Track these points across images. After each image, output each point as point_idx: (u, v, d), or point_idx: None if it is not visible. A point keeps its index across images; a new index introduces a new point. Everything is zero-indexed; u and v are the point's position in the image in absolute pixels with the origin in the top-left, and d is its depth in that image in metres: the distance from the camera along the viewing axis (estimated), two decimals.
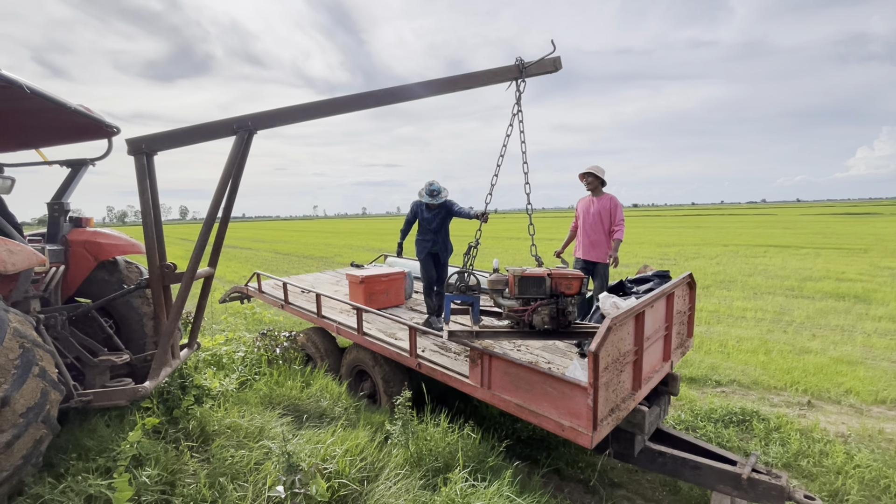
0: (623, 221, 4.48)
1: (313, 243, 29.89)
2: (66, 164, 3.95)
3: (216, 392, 3.63)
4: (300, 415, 3.65)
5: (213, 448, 2.88)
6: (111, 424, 2.97)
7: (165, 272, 3.38)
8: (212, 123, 3.39)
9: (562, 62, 3.33)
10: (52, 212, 3.84)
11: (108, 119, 3.68)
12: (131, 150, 3.36)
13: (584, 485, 3.70)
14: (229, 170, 3.44)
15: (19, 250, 2.76)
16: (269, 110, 3.43)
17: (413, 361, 3.82)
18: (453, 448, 3.15)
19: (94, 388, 3.15)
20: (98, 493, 2.36)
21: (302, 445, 2.92)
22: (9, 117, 3.31)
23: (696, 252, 18.72)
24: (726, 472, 3.16)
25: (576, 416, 2.76)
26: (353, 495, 2.63)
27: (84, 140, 3.98)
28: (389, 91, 3.35)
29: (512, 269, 3.28)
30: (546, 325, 3.18)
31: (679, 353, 3.97)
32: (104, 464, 2.58)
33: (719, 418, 4.50)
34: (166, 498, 2.47)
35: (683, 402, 4.95)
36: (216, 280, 13.78)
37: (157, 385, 3.22)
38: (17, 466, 2.32)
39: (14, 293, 3.11)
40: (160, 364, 3.24)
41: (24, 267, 2.78)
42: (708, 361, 6.11)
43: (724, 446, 4.03)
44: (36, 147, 4.02)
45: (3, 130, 3.61)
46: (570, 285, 3.21)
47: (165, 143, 3.43)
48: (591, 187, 4.57)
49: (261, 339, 5.03)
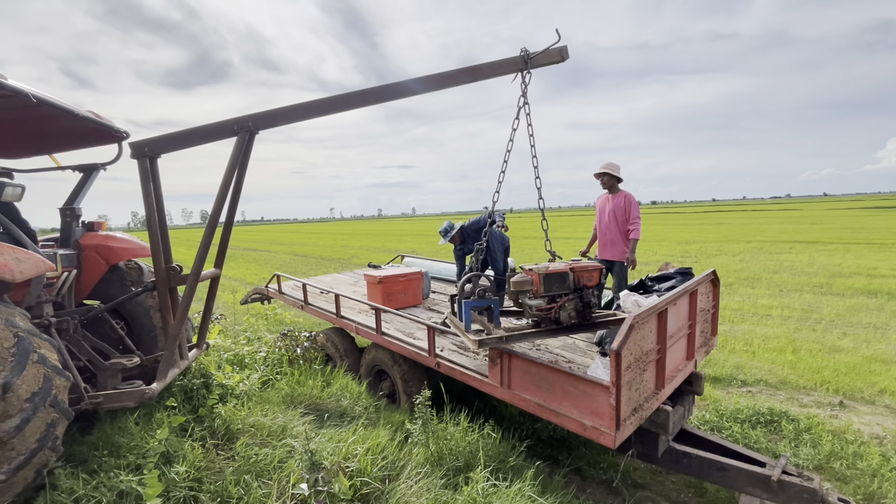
0: (638, 219, 4.39)
1: (330, 245, 30.23)
2: (78, 170, 4.03)
3: (239, 391, 3.69)
4: (321, 414, 3.69)
5: (238, 446, 2.94)
6: (140, 422, 3.05)
7: (171, 274, 3.41)
8: (213, 125, 3.38)
9: (569, 52, 3.22)
10: (64, 217, 3.92)
11: (117, 124, 3.75)
12: (134, 153, 3.37)
13: (606, 485, 3.64)
14: (231, 171, 3.42)
15: (27, 258, 2.81)
16: (270, 110, 3.38)
17: (432, 361, 3.82)
18: (474, 447, 3.14)
19: (105, 390, 3.22)
20: (129, 489, 2.43)
21: (324, 444, 2.95)
22: (21, 125, 3.38)
23: (717, 249, 18.29)
24: (755, 474, 3.07)
25: (598, 415, 2.73)
26: (374, 494, 2.65)
27: (94, 145, 4.05)
28: (390, 87, 3.29)
29: (534, 268, 3.23)
30: (573, 319, 3.16)
31: (703, 352, 3.88)
32: (134, 461, 2.65)
33: (746, 419, 4.38)
34: (194, 495, 2.52)
35: (708, 401, 4.83)
36: (237, 282, 14.05)
37: (164, 386, 3.27)
38: (33, 450, 2.39)
39: (27, 298, 3.18)
40: (167, 366, 3.27)
41: (33, 275, 2.82)
42: (733, 360, 5.96)
43: (752, 447, 3.93)
44: (49, 153, 4.12)
45: (16, 137, 3.70)
46: (590, 277, 3.20)
47: (168, 145, 3.44)
48: (607, 186, 4.50)
49: (282, 339, 5.10)
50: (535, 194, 3.53)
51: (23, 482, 2.43)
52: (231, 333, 6.06)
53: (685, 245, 20.33)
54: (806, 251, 16.54)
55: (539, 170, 3.49)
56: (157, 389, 3.16)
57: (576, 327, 3.24)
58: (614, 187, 4.48)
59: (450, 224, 5.25)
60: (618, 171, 4.46)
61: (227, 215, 3.71)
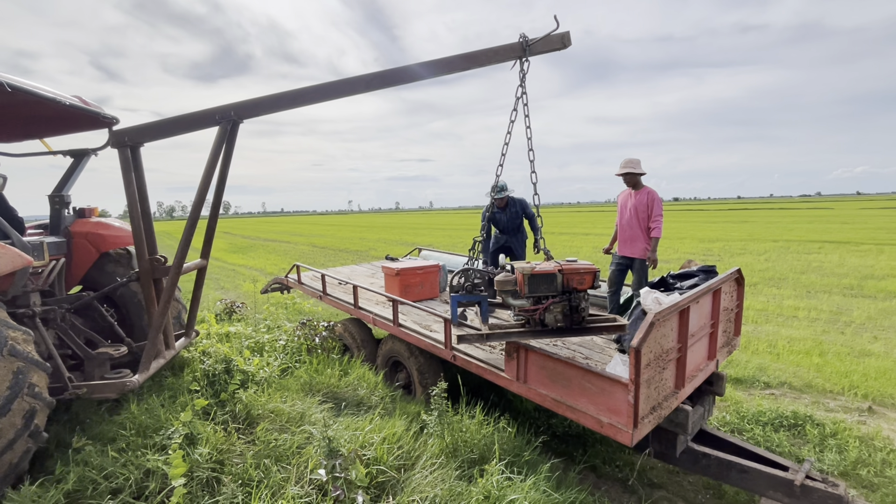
0: (660, 217, 4.28)
1: (348, 237, 30.52)
2: (70, 154, 4.04)
3: (260, 378, 3.78)
4: (339, 402, 3.75)
5: (258, 431, 3.01)
6: (165, 404, 3.15)
7: (155, 265, 3.36)
8: (195, 114, 3.32)
9: (570, 38, 3.00)
10: (53, 204, 3.91)
11: (106, 110, 3.73)
12: (114, 142, 3.33)
13: (622, 484, 3.61)
14: (213, 161, 3.34)
15: (3, 253, 2.82)
16: (253, 98, 3.30)
17: (448, 353, 3.83)
18: (489, 440, 3.15)
19: (92, 380, 3.26)
20: (156, 468, 2.52)
21: (341, 432, 3.00)
22: (7, 110, 3.39)
23: (742, 248, 17.79)
24: (777, 478, 3.00)
25: (616, 412, 2.70)
26: (390, 482, 2.69)
27: (84, 130, 4.04)
28: (379, 75, 3.19)
29: (520, 267, 3.12)
30: (559, 322, 3.02)
31: (725, 352, 3.80)
32: (160, 441, 2.75)
33: (768, 421, 4.27)
34: (217, 476, 2.60)
35: (729, 403, 4.73)
36: (257, 272, 14.33)
37: (147, 377, 3.27)
38: (10, 439, 2.46)
39: (11, 289, 3.16)
40: (149, 357, 3.26)
41: (9, 270, 2.83)
42: (755, 362, 5.81)
43: (774, 451, 3.83)
44: (40, 138, 4.13)
45: (4, 122, 3.72)
46: (582, 280, 3.01)
47: (149, 134, 3.39)
48: (630, 183, 4.41)
49: (300, 328, 5.19)
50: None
51: (5, 468, 2.50)
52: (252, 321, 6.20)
53: (708, 243, 19.84)
54: (836, 251, 15.94)
55: (535, 164, 3.32)
56: (138, 381, 3.16)
57: (563, 331, 3.11)
58: (638, 184, 4.38)
59: (505, 184, 5.14)
60: (639, 166, 4.36)
61: (212, 206, 3.70)
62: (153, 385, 3.69)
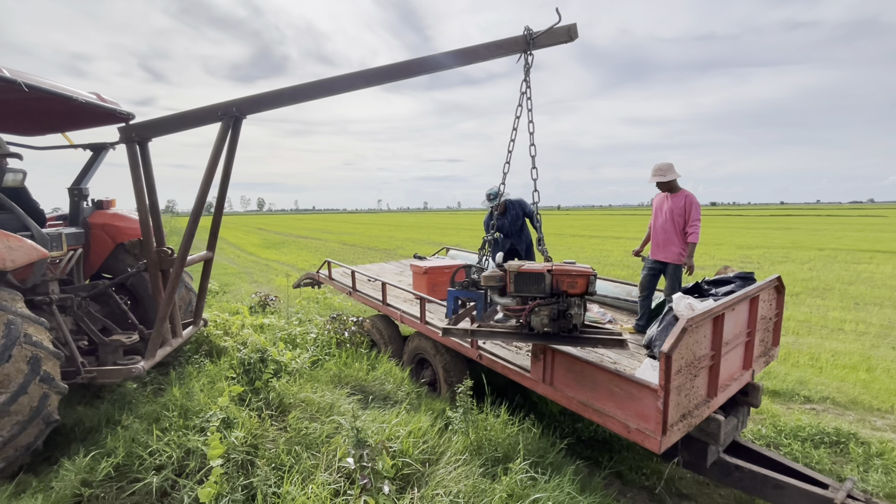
0: (698, 221, 4.15)
1: (377, 235, 30.97)
2: (89, 148, 4.21)
3: (292, 368, 3.92)
4: (366, 395, 3.84)
5: (290, 419, 3.13)
6: (204, 390, 3.31)
7: (162, 256, 3.48)
8: (198, 110, 3.41)
9: (577, 31, 2.86)
10: (72, 196, 4.10)
11: (122, 107, 3.89)
12: (122, 138, 3.44)
13: (648, 492, 3.54)
14: (216, 156, 3.40)
15: (19, 246, 2.98)
16: (254, 95, 3.37)
17: (474, 353, 3.86)
18: (513, 440, 3.15)
19: (106, 365, 3.44)
20: (195, 448, 2.67)
21: (368, 423, 3.08)
22: (30, 106, 3.58)
23: (783, 255, 16.97)
24: (815, 496, 2.88)
25: (644, 418, 2.66)
26: (415, 475, 2.74)
27: (102, 125, 4.21)
28: (378, 71, 3.19)
29: (509, 264, 2.99)
30: (546, 327, 2.81)
31: (762, 363, 3.66)
32: (200, 423, 2.90)
33: (808, 437, 4.08)
34: (251, 459, 2.73)
35: (765, 416, 4.55)
36: (290, 267, 14.76)
37: (153, 364, 3.42)
38: (24, 421, 2.66)
39: (30, 278, 3.37)
40: (155, 344, 3.39)
41: (24, 262, 2.98)
42: (795, 375, 5.55)
43: (813, 468, 3.66)
44: (62, 132, 4.34)
45: (28, 118, 3.93)
46: (573, 283, 2.77)
47: (155, 130, 3.48)
48: (667, 188, 4.28)
49: (331, 322, 5.33)
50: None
51: (20, 448, 2.71)
52: (284, 314, 6.41)
53: (747, 250, 19.02)
54: (889, 262, 14.96)
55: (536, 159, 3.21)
56: (144, 368, 3.30)
57: (549, 336, 2.90)
58: (675, 187, 4.26)
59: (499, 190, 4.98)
60: (671, 171, 4.22)
61: (217, 200, 3.82)
62: (193, 371, 3.89)
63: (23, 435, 2.72)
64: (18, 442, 2.71)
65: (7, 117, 3.90)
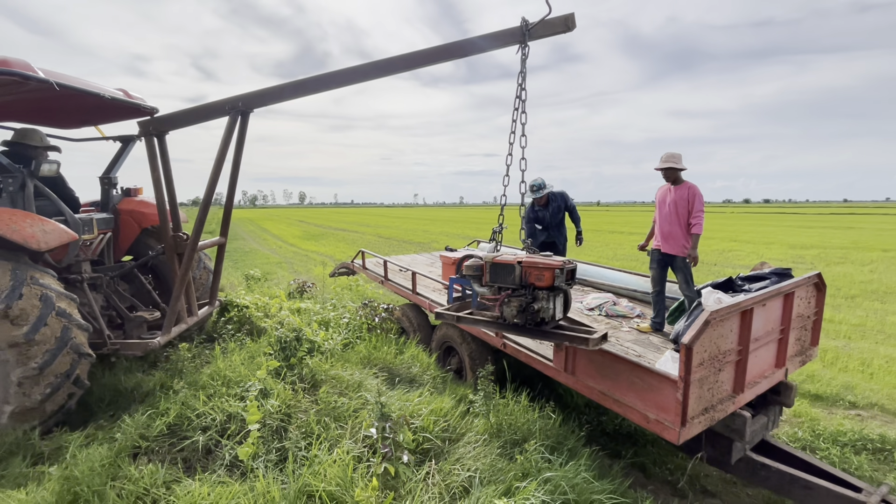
0: (701, 213, 4.07)
1: (412, 229, 31.41)
2: (119, 140, 4.57)
3: (325, 348, 4.16)
4: (393, 377, 4.02)
5: (321, 393, 3.35)
6: (245, 363, 3.60)
7: (178, 241, 3.78)
8: (208, 105, 3.66)
9: (575, 21, 2.81)
10: (102, 184, 4.46)
11: (148, 102, 4.20)
12: (141, 131, 3.72)
13: (671, 486, 3.51)
14: (224, 148, 3.63)
15: (52, 229, 3.31)
16: (259, 90, 3.58)
17: (498, 341, 3.94)
18: (533, 426, 3.23)
19: (131, 339, 3.83)
20: (236, 413, 2.93)
21: (393, 400, 3.25)
22: (66, 101, 3.92)
23: (842, 256, 15.82)
24: (847, 498, 2.78)
25: (663, 409, 2.66)
26: (435, 450, 2.88)
27: (130, 118, 4.52)
28: (377, 64, 3.27)
29: (484, 255, 3.02)
30: (515, 318, 2.81)
31: (798, 362, 3.53)
32: (240, 392, 3.18)
33: (848, 442, 3.90)
34: (284, 426, 2.97)
35: (803, 419, 4.37)
36: (327, 258, 15.32)
37: (168, 339, 3.76)
38: (57, 383, 3.03)
39: (65, 259, 3.73)
40: (171, 322, 3.72)
41: (56, 244, 3.30)
42: (842, 379, 5.26)
43: (851, 473, 3.50)
44: (95, 125, 4.73)
45: (64, 112, 4.30)
46: (540, 276, 2.74)
47: (170, 124, 3.75)
48: (670, 179, 4.21)
49: (362, 308, 5.56)
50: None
51: (52, 408, 3.08)
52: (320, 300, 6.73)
53: (800, 249, 17.87)
54: None
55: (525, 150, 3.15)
56: (159, 343, 3.65)
57: (519, 328, 2.88)
58: (678, 179, 4.19)
59: (542, 182, 4.89)
60: (680, 161, 4.16)
61: (227, 190, 4.07)
62: (236, 347, 4.21)
63: (56, 395, 3.12)
64: (53, 401, 3.11)
65: (45, 113, 4.34)
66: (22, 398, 2.98)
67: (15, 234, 3.08)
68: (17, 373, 2.95)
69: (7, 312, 2.91)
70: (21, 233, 3.11)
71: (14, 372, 2.95)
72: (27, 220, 3.23)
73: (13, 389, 2.95)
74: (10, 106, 3.93)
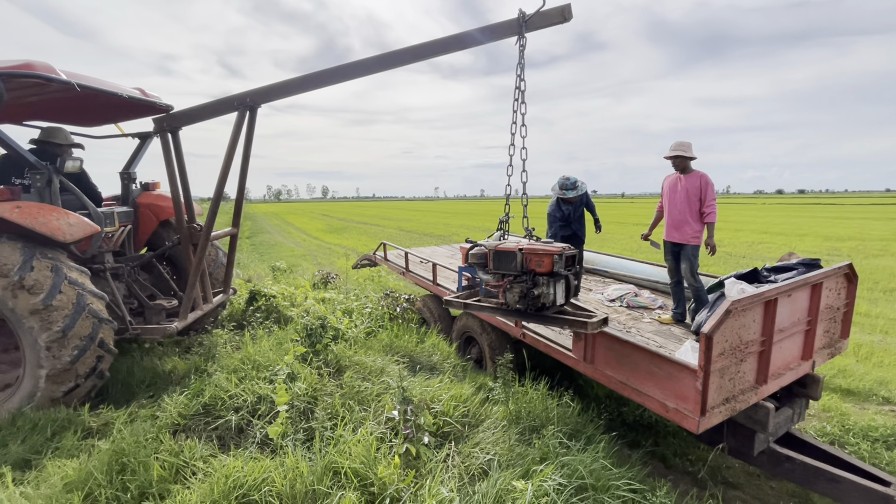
0: (714, 202, 4.00)
1: (433, 222, 31.54)
2: (137, 136, 4.80)
3: (348, 336, 4.30)
4: (414, 364, 4.13)
5: (345, 378, 3.49)
6: (273, 349, 3.76)
7: (192, 232, 3.99)
8: (217, 101, 3.81)
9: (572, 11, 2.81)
10: (122, 180, 4.69)
11: (163, 100, 4.41)
12: (156, 128, 3.90)
13: (691, 477, 3.51)
14: (233, 143, 3.78)
15: (77, 222, 3.51)
16: (265, 86, 3.70)
17: (518, 331, 3.98)
18: (551, 413, 3.27)
19: (151, 324, 4.09)
20: (265, 395, 3.09)
21: (414, 385, 3.35)
22: (87, 102, 4.14)
23: (882, 248, 15.10)
24: (874, 492, 2.74)
25: (682, 398, 2.67)
26: (455, 433, 2.97)
27: (148, 115, 4.71)
28: (377, 59, 3.36)
29: (486, 243, 3.09)
30: (517, 304, 2.89)
31: (826, 354, 3.46)
32: (269, 375, 3.34)
33: (880, 438, 3.79)
34: (311, 408, 3.11)
35: (832, 413, 4.26)
36: (350, 250, 15.58)
37: (185, 325, 4.00)
38: (83, 345, 3.31)
39: (89, 250, 3.98)
40: (186, 308, 3.93)
41: (81, 236, 3.51)
42: (876, 374, 5.09)
43: (882, 469, 3.42)
44: (115, 122, 4.97)
45: (87, 111, 4.54)
46: (540, 262, 2.82)
47: (182, 120, 3.91)
48: (680, 167, 4.12)
49: (384, 299, 5.69)
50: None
51: (84, 370, 3.38)
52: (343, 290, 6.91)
53: (836, 241, 17.13)
54: None
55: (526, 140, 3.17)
56: (176, 328, 3.89)
57: (521, 314, 2.95)
58: (687, 167, 4.10)
59: (575, 181, 4.83)
60: (690, 150, 4.08)
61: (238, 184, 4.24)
62: (264, 334, 4.40)
63: (85, 357, 3.39)
64: (83, 363, 3.41)
65: (69, 112, 4.59)
66: (53, 361, 3.25)
67: (43, 226, 3.32)
68: (43, 337, 3.23)
69: (22, 283, 3.19)
70: (48, 225, 3.35)
71: (41, 337, 3.23)
72: (54, 214, 3.47)
73: (43, 353, 3.24)
74: (36, 106, 4.19)
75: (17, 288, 3.19)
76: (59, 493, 2.35)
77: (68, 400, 3.41)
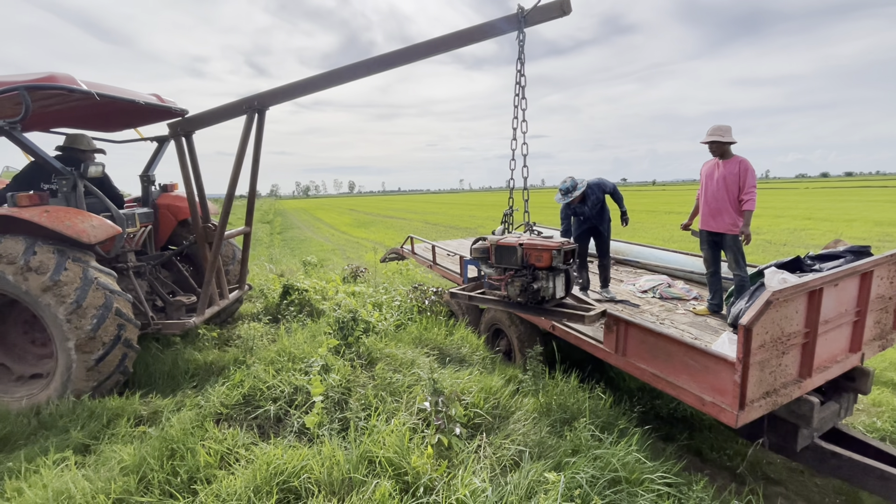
0: (754, 189, 3.77)
1: (459, 215, 31.52)
2: (155, 140, 4.99)
3: (379, 329, 4.39)
4: (443, 356, 4.17)
5: (377, 369, 3.57)
6: (307, 341, 3.89)
7: (207, 231, 4.12)
8: (227, 105, 3.95)
9: (571, 5, 2.83)
10: (142, 181, 4.88)
11: (178, 105, 4.58)
12: (170, 133, 4.05)
13: (729, 472, 3.42)
14: (243, 144, 3.88)
15: (100, 224, 3.67)
16: (272, 89, 3.79)
17: (547, 323, 3.96)
18: (582, 405, 3.25)
19: (171, 320, 4.25)
20: (302, 386, 3.20)
21: (444, 377, 3.39)
22: (107, 109, 4.32)
23: None
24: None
25: (719, 392, 2.60)
26: (486, 425, 3.00)
27: (164, 120, 4.87)
28: (379, 59, 3.42)
29: (489, 237, 3.14)
30: (518, 297, 2.95)
31: (877, 347, 3.28)
32: (304, 367, 3.45)
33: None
34: (345, 399, 3.20)
35: (884, 408, 4.05)
36: (377, 244, 15.81)
37: (203, 320, 4.16)
38: (111, 372, 3.51)
39: (112, 250, 4.15)
40: (203, 304, 4.10)
41: (103, 237, 3.67)
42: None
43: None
44: (135, 127, 5.16)
45: (109, 117, 4.74)
46: (539, 257, 2.89)
47: (194, 124, 4.05)
48: (718, 153, 3.91)
49: (413, 292, 5.76)
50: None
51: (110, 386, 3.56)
52: (372, 284, 7.03)
53: (888, 227, 16.10)
54: None
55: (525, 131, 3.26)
56: (195, 323, 4.04)
57: (522, 307, 3.00)
58: (726, 153, 3.89)
59: (574, 182, 4.76)
60: (729, 134, 3.86)
61: (250, 184, 4.36)
62: (298, 327, 4.55)
63: (107, 382, 3.60)
64: (105, 386, 3.62)
65: (91, 119, 4.83)
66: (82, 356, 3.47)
67: (69, 229, 3.51)
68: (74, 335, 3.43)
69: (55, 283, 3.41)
70: (74, 228, 3.54)
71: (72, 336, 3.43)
72: (79, 217, 3.66)
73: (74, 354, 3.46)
74: (60, 114, 4.44)
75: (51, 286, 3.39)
76: (116, 475, 2.52)
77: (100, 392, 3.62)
